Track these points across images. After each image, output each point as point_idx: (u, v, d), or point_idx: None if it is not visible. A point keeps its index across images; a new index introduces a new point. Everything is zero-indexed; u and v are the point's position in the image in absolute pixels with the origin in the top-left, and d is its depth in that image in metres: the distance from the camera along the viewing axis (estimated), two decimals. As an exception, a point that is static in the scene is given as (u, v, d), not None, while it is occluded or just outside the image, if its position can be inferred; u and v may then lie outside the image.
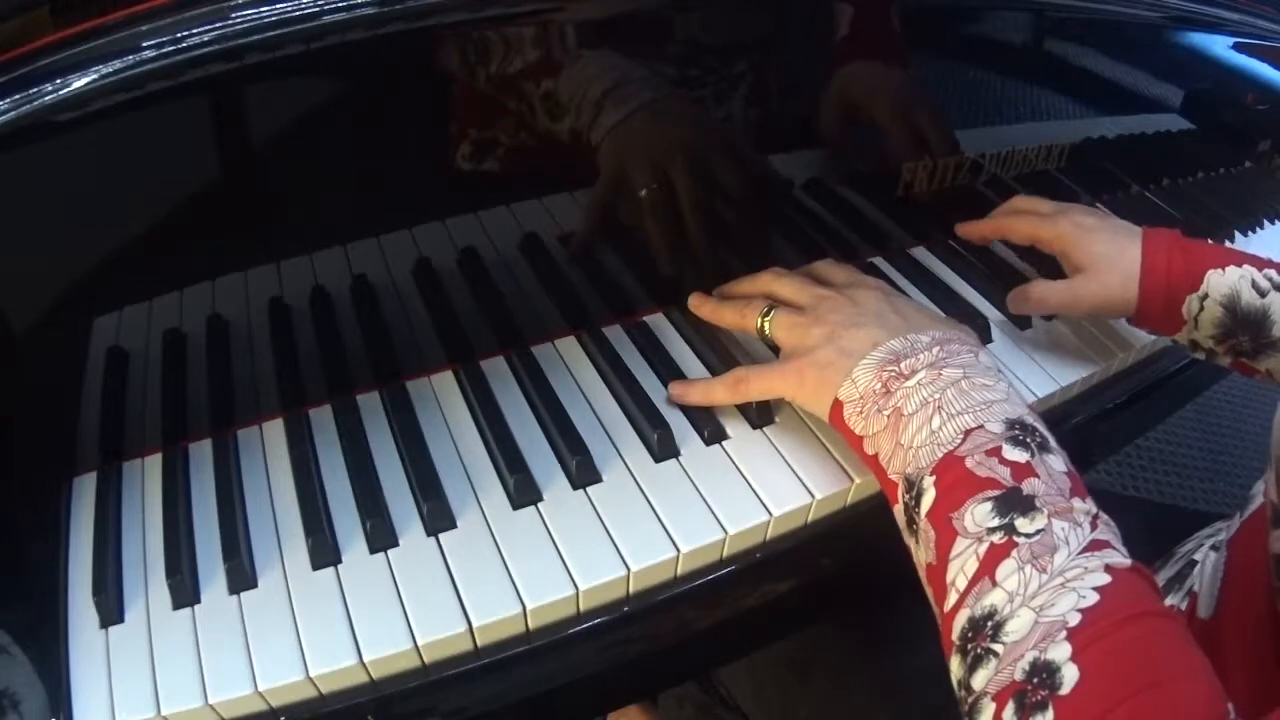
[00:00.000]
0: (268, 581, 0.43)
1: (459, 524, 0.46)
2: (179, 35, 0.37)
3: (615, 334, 0.57)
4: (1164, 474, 1.52)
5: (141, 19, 0.37)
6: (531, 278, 0.54)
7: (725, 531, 0.46)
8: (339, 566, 0.44)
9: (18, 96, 0.35)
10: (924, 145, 0.64)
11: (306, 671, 0.39)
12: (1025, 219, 0.60)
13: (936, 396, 0.42)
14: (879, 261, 0.67)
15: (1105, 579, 0.35)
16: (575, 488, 0.48)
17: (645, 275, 0.58)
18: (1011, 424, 0.41)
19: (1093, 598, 0.34)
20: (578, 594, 0.43)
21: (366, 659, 0.40)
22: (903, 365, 0.44)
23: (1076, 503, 0.38)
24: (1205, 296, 0.54)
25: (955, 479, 0.40)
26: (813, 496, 0.48)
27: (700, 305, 0.56)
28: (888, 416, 0.43)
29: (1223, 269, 0.54)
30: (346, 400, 0.52)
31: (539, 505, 0.47)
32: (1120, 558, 0.36)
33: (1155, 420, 0.86)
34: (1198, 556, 0.55)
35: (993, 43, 0.64)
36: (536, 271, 0.54)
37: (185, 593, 0.42)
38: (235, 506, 0.46)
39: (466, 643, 0.42)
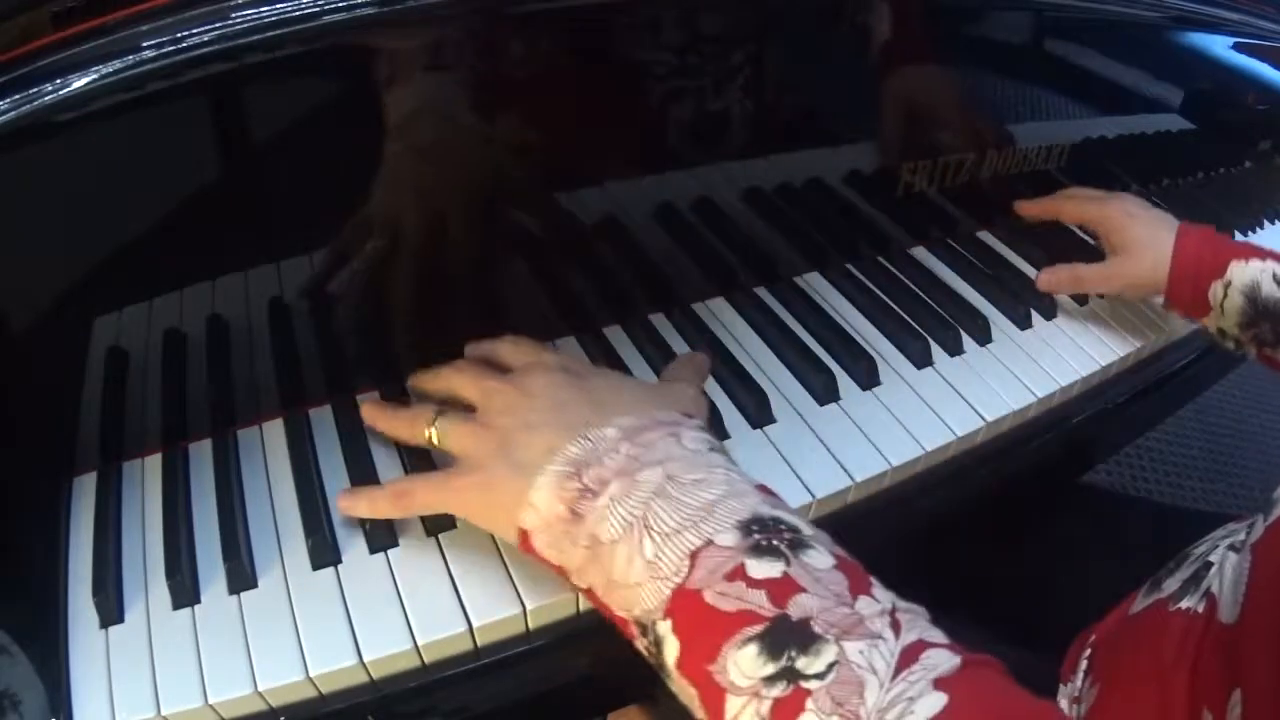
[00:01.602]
0: (268, 581, 0.43)
1: (459, 524, 0.45)
2: (179, 35, 0.37)
3: (615, 334, 0.57)
4: (1164, 474, 1.52)
5: (141, 19, 0.37)
6: (530, 278, 0.54)
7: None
8: (339, 566, 0.44)
9: (18, 96, 0.35)
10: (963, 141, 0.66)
11: (306, 671, 0.39)
12: (1077, 201, 0.67)
13: (639, 513, 0.33)
14: (879, 261, 0.67)
15: (939, 702, 0.27)
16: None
17: (645, 274, 0.58)
18: (747, 526, 0.32)
19: None
20: (578, 594, 0.43)
21: (366, 659, 0.40)
22: (587, 478, 0.35)
23: (864, 605, 0.31)
24: (1229, 284, 0.58)
25: (698, 621, 0.31)
26: (813, 497, 0.48)
27: (374, 417, 0.47)
28: (585, 547, 0.35)
29: (1246, 260, 0.58)
30: (346, 400, 0.52)
31: (539, 505, 0.46)
32: (944, 657, 0.29)
33: (1155, 420, 0.86)
34: (1214, 558, 0.54)
35: (993, 43, 0.64)
36: (536, 271, 0.54)
37: (185, 593, 0.42)
38: (235, 506, 0.46)
39: (466, 643, 0.42)
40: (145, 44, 0.36)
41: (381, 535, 0.44)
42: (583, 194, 0.53)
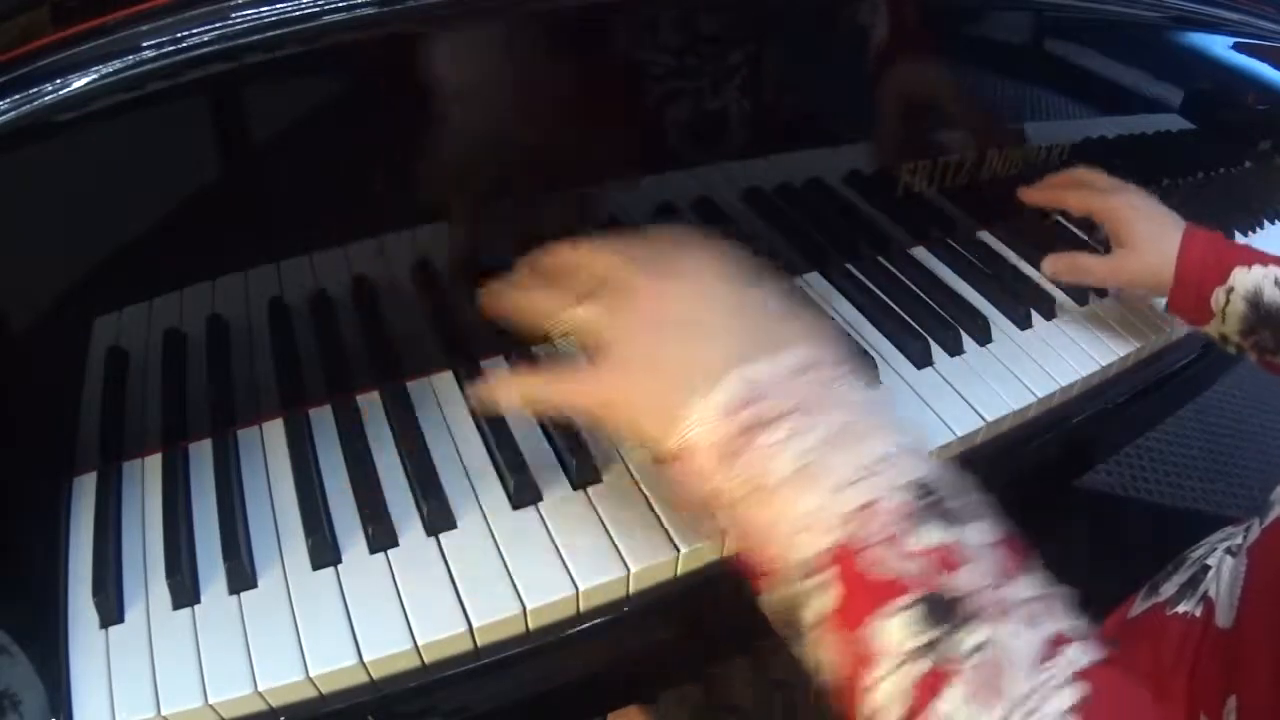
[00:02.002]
0: (268, 581, 0.43)
1: (459, 524, 0.46)
2: (179, 35, 0.37)
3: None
4: (1164, 474, 1.52)
5: (141, 19, 0.37)
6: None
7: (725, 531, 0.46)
8: (339, 566, 0.44)
9: (18, 96, 0.35)
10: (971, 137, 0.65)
11: (306, 671, 0.39)
12: (1083, 192, 0.64)
13: (810, 459, 0.32)
14: (879, 261, 0.67)
15: (1077, 694, 0.27)
16: (575, 487, 0.47)
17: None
18: (916, 490, 0.31)
19: None
20: (578, 594, 0.43)
21: (366, 659, 0.40)
22: (763, 406, 0.32)
23: (1018, 588, 0.30)
24: (1231, 290, 0.57)
25: (853, 582, 0.30)
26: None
27: (494, 302, 0.42)
28: (745, 481, 0.32)
29: (1249, 266, 0.57)
30: (346, 400, 0.52)
31: (539, 505, 0.47)
32: (1085, 651, 0.29)
33: (1155, 420, 0.86)
34: (1211, 561, 0.54)
35: (993, 43, 0.64)
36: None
37: (185, 593, 0.42)
38: (235, 506, 0.46)
39: (466, 643, 0.42)
40: (145, 44, 0.36)
41: (382, 535, 0.44)
42: (584, 196, 0.53)
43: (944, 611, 0.29)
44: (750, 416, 0.32)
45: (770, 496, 0.32)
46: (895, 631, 0.29)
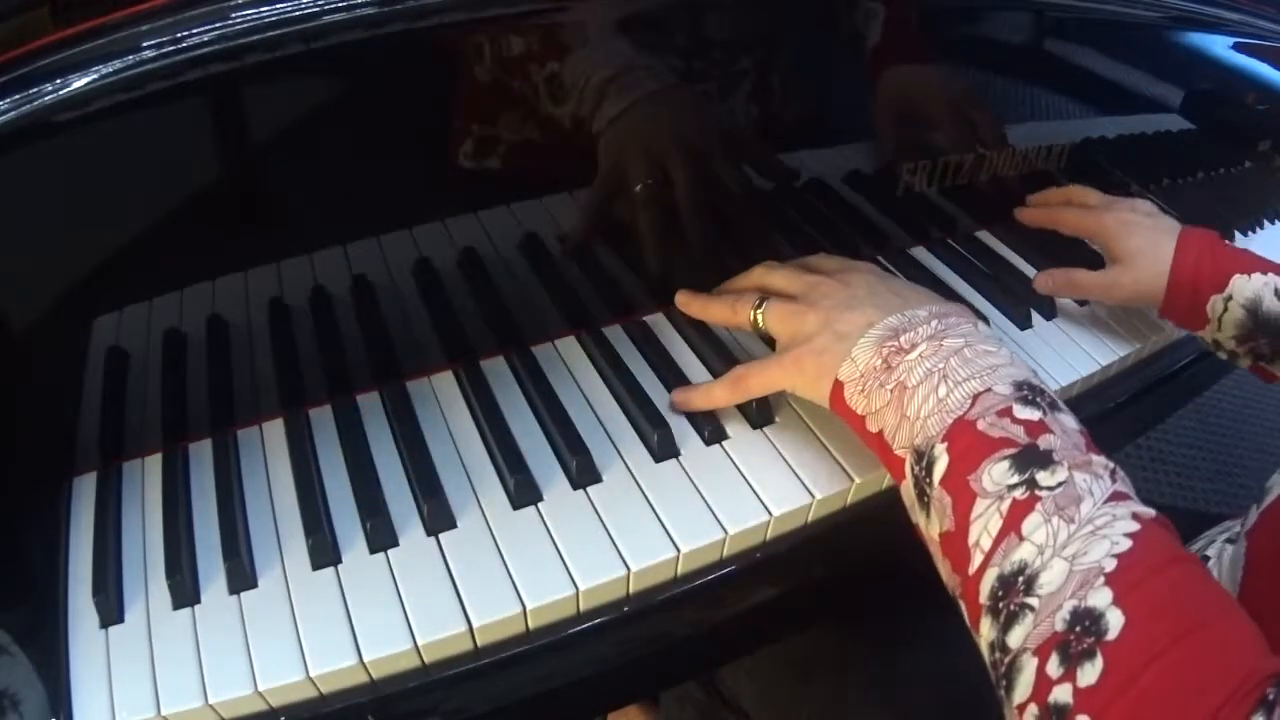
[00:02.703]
0: (268, 581, 0.43)
1: (459, 524, 0.46)
2: (179, 35, 0.37)
3: (615, 334, 0.57)
4: (1164, 474, 1.52)
5: (141, 19, 0.37)
6: (532, 278, 0.54)
7: (725, 531, 0.46)
8: (339, 566, 0.44)
9: (18, 96, 0.35)
10: (959, 141, 0.65)
11: (306, 671, 0.39)
12: (1074, 211, 0.65)
13: (940, 366, 0.42)
14: (879, 261, 0.67)
15: (1135, 525, 0.35)
16: (575, 488, 0.47)
17: (646, 274, 0.58)
18: (1020, 385, 0.41)
19: (1126, 544, 0.34)
20: (578, 594, 0.43)
21: (366, 659, 0.40)
22: (902, 339, 0.43)
23: (1094, 456, 0.38)
24: (1229, 298, 0.57)
25: (968, 443, 0.39)
26: (812, 496, 0.48)
27: (688, 303, 0.56)
28: (890, 391, 0.42)
29: (1249, 275, 0.57)
30: (346, 400, 0.52)
31: (539, 505, 0.47)
32: (1143, 507, 0.36)
33: (1155, 420, 0.85)
34: (1210, 552, 0.54)
35: (993, 43, 0.64)
36: (536, 271, 0.54)
37: (185, 593, 0.42)
38: (235, 506, 0.46)
39: (466, 643, 0.42)
40: (145, 44, 0.36)
41: (382, 535, 0.44)
42: (581, 194, 0.53)
43: (1036, 459, 0.37)
44: (891, 347, 0.43)
45: (910, 397, 0.42)
46: (998, 473, 0.38)
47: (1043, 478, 0.37)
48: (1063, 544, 0.35)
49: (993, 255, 0.70)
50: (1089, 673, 0.31)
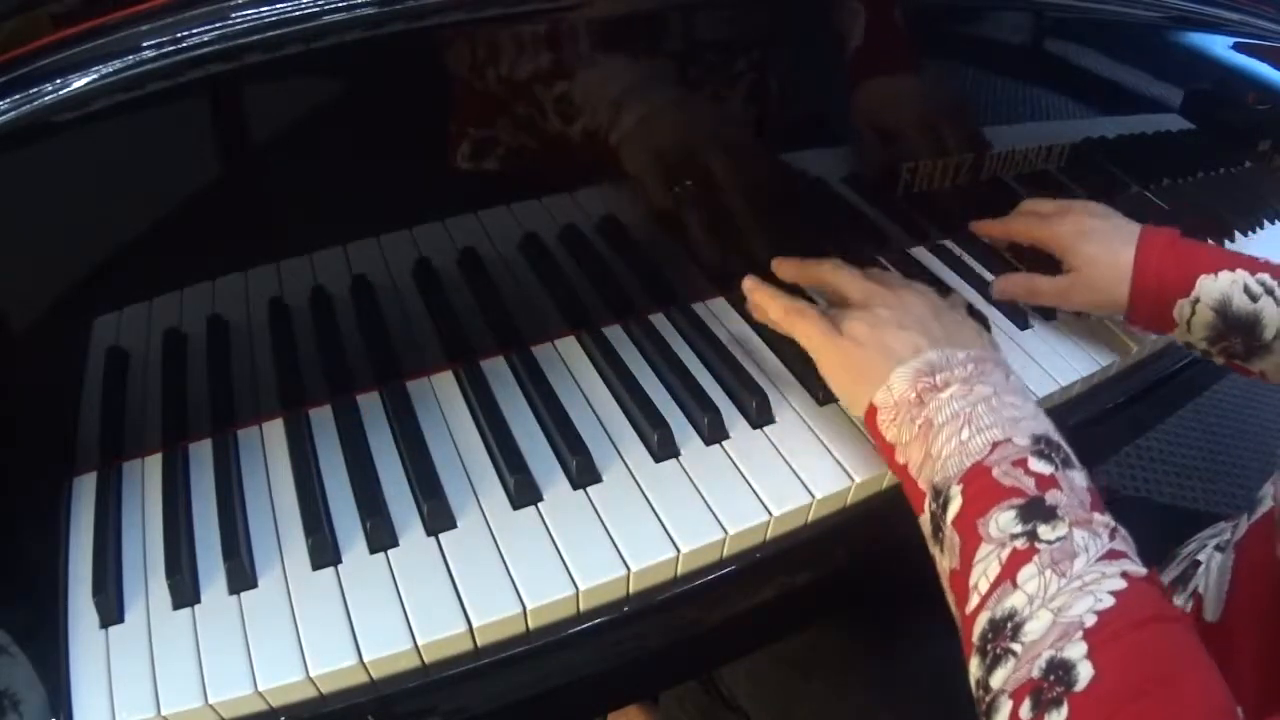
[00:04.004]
0: (268, 581, 0.43)
1: (459, 524, 0.46)
2: (179, 35, 0.37)
3: (615, 334, 0.57)
4: (1164, 474, 1.52)
5: (141, 19, 0.37)
6: (531, 278, 0.54)
7: (725, 531, 0.46)
8: (339, 566, 0.44)
9: (18, 96, 0.35)
10: (948, 144, 0.65)
11: (306, 671, 0.39)
12: (1028, 220, 0.63)
13: (967, 410, 0.43)
14: (879, 261, 0.67)
15: (1121, 584, 0.36)
16: (575, 488, 0.47)
17: (646, 275, 0.58)
18: (1038, 439, 0.42)
19: (1109, 601, 0.35)
20: (578, 594, 0.43)
21: (366, 659, 0.40)
22: (938, 377, 0.45)
23: (1096, 515, 0.39)
24: (1196, 301, 0.55)
25: (981, 487, 0.41)
26: (812, 496, 0.48)
27: (755, 289, 0.55)
28: (919, 426, 0.44)
29: (1215, 274, 0.55)
30: (346, 400, 0.52)
31: (539, 505, 0.47)
32: (1136, 567, 0.37)
33: (1155, 420, 0.85)
34: (1201, 557, 0.54)
35: (993, 43, 0.64)
36: (536, 271, 0.54)
37: (185, 593, 0.42)
38: (235, 506, 0.46)
39: (466, 643, 0.42)
40: (145, 44, 0.36)
41: (382, 535, 0.44)
42: (582, 194, 0.53)
43: (1041, 512, 0.39)
44: (926, 384, 0.45)
45: (936, 433, 0.43)
46: (1004, 521, 0.39)
47: (1044, 531, 0.38)
48: (1051, 596, 0.36)
49: (993, 255, 0.70)
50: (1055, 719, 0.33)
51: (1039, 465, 0.41)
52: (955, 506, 0.41)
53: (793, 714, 0.65)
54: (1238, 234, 0.84)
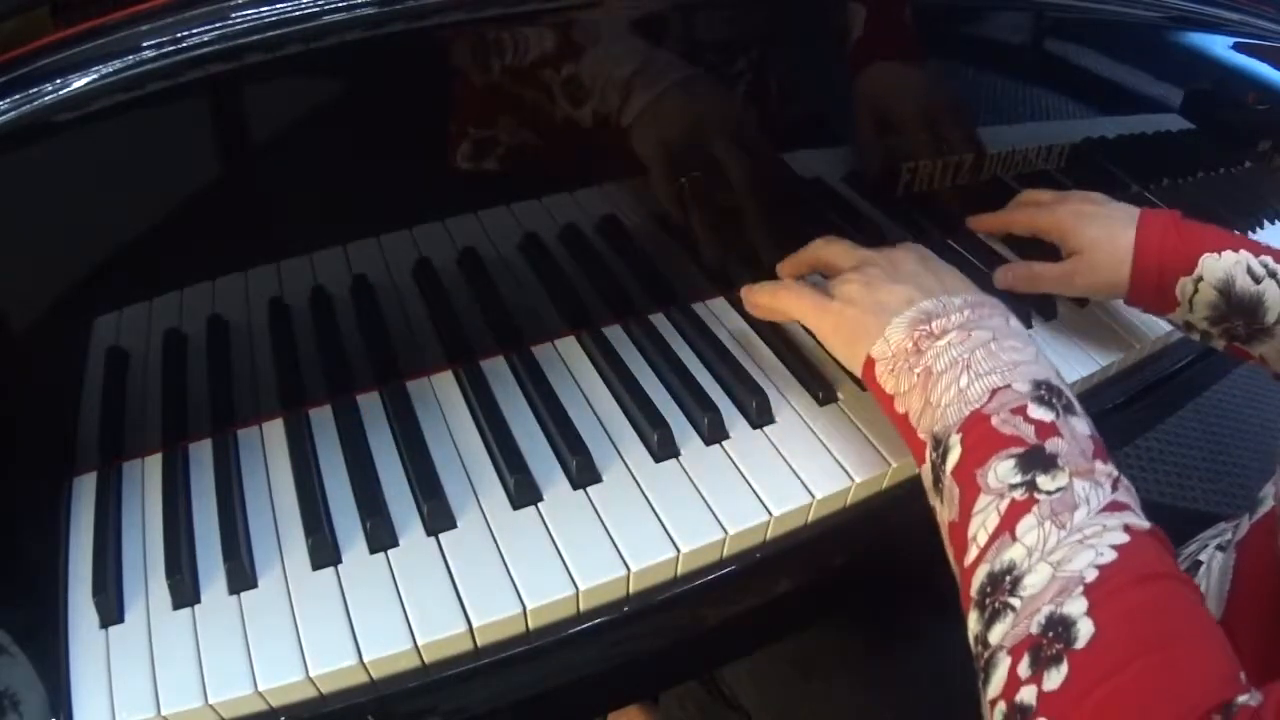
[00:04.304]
0: (268, 581, 0.43)
1: (459, 524, 0.46)
2: (179, 35, 0.37)
3: (615, 334, 0.57)
4: (1164, 474, 1.52)
5: (141, 19, 0.37)
6: (531, 278, 0.54)
7: (725, 531, 0.46)
8: (339, 566, 0.44)
9: (18, 96, 0.35)
10: (945, 143, 0.65)
11: (306, 671, 0.39)
12: (1026, 210, 0.63)
13: (965, 356, 0.42)
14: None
15: (1124, 538, 0.35)
16: (575, 488, 0.47)
17: (646, 275, 0.58)
18: (1038, 384, 0.41)
19: (1110, 555, 0.34)
20: (578, 594, 0.43)
21: (366, 659, 0.40)
22: (934, 325, 0.44)
23: (1098, 465, 0.39)
24: (1199, 279, 0.55)
25: (980, 436, 0.40)
26: (812, 496, 0.48)
27: (747, 291, 0.55)
28: (918, 375, 0.43)
29: (1218, 253, 0.55)
30: (346, 400, 0.52)
31: (539, 505, 0.47)
32: (1139, 520, 0.37)
33: (1155, 420, 0.85)
34: (1203, 557, 0.54)
35: (993, 43, 0.64)
36: (536, 271, 0.54)
37: (185, 593, 0.42)
38: (235, 506, 0.46)
39: (466, 643, 0.42)
40: (145, 44, 0.36)
41: (382, 535, 0.44)
42: (581, 194, 0.53)
43: (1041, 461, 0.38)
44: (923, 331, 0.44)
45: (934, 382, 0.43)
46: (1003, 471, 0.38)
47: (1043, 481, 0.37)
48: (1050, 549, 0.35)
49: (993, 255, 0.70)
50: (1054, 678, 0.32)
51: (1039, 412, 0.40)
52: (954, 456, 0.40)
53: (793, 714, 0.65)
54: (1237, 234, 0.84)
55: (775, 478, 0.49)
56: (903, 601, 0.62)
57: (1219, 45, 0.77)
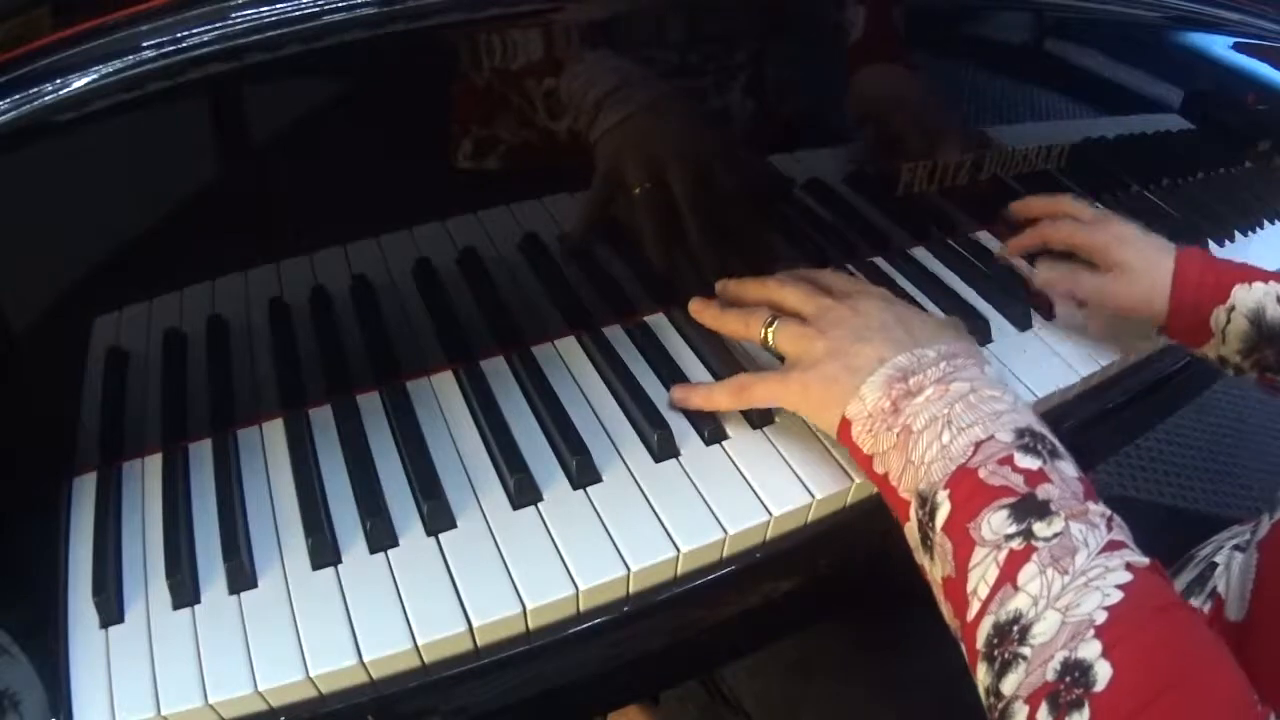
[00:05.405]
0: (268, 581, 0.43)
1: (459, 524, 0.46)
2: (179, 35, 0.37)
3: (615, 334, 0.57)
4: (1164, 474, 1.52)
5: (141, 19, 0.37)
6: (531, 278, 0.54)
7: (725, 531, 0.46)
8: (339, 566, 0.44)
9: (18, 96, 0.35)
10: (942, 145, 0.65)
11: (306, 671, 0.39)
12: (1066, 226, 0.64)
13: (945, 412, 0.42)
14: (879, 262, 0.67)
15: (1127, 576, 0.35)
16: (575, 488, 0.47)
17: (646, 275, 0.58)
18: (1021, 432, 0.41)
19: (1117, 595, 0.34)
20: (578, 594, 0.43)
21: (366, 659, 0.40)
22: (910, 382, 0.44)
23: (1091, 506, 0.39)
24: (1232, 309, 0.57)
25: (969, 490, 0.40)
26: (812, 496, 0.48)
27: (702, 311, 0.56)
28: (897, 434, 0.43)
29: (1249, 284, 0.57)
30: (346, 400, 0.52)
31: (539, 505, 0.47)
32: (1138, 556, 0.37)
33: (1155, 420, 0.86)
34: (1219, 559, 0.55)
35: (993, 43, 0.64)
36: (536, 271, 0.54)
37: (185, 593, 0.42)
38: (235, 506, 0.46)
39: (466, 643, 0.42)
40: (145, 44, 0.36)
41: (381, 535, 0.44)
42: (581, 195, 0.53)
43: (1034, 509, 0.38)
44: (899, 390, 0.43)
45: (916, 439, 0.42)
46: (996, 522, 0.38)
47: (1039, 528, 0.37)
48: (1056, 595, 0.35)
49: (993, 255, 0.70)
50: None
51: (1026, 460, 0.40)
52: (944, 512, 0.40)
53: (794, 714, 0.65)
54: (1238, 234, 0.84)
55: (775, 477, 0.49)
56: (904, 602, 0.62)
57: (1219, 45, 0.77)
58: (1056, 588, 0.35)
